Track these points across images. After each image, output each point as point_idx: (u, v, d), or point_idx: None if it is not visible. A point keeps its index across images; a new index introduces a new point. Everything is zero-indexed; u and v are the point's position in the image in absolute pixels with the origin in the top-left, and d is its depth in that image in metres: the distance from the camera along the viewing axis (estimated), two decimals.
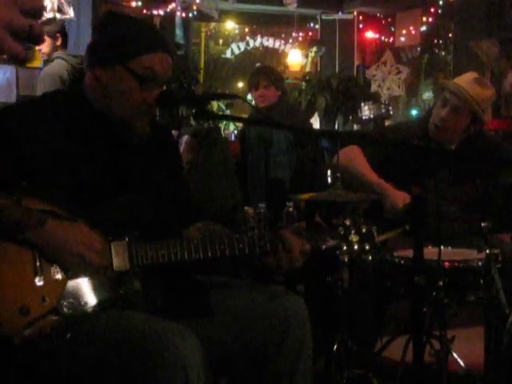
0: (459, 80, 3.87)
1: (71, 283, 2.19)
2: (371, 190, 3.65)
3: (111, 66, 2.36)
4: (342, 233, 2.40)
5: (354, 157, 3.81)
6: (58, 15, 7.12)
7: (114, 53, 2.36)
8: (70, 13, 7.33)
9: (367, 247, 2.41)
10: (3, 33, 1.23)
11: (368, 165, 3.78)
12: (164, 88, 2.43)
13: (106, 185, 2.35)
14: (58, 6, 7.15)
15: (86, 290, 2.20)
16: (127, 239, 2.26)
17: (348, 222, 2.40)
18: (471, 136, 3.85)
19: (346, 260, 3.21)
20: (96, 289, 2.21)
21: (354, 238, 2.40)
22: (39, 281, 2.16)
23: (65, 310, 2.16)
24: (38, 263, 2.16)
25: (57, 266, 2.19)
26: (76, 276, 2.20)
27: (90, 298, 2.20)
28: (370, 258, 3.26)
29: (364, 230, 2.41)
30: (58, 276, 2.18)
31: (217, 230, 2.49)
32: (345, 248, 2.41)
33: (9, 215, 2.14)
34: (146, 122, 2.41)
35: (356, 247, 2.39)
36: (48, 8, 6.96)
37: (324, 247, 2.42)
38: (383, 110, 9.06)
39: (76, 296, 2.18)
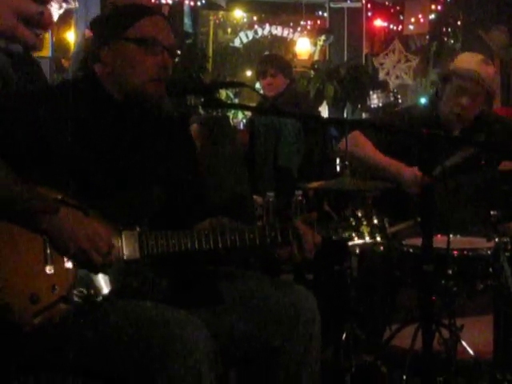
0: (469, 64, 3.76)
1: (82, 272, 2.19)
2: (381, 172, 3.64)
3: (112, 43, 2.38)
4: (354, 224, 2.39)
5: (359, 142, 3.79)
6: (64, 4, 7.10)
7: (110, 29, 2.40)
8: (75, 2, 7.32)
9: (378, 239, 2.40)
10: (15, 20, 1.23)
11: (374, 148, 3.77)
12: (172, 55, 2.42)
13: (119, 175, 2.35)
14: None
15: (96, 278, 2.20)
16: (138, 229, 2.26)
17: (360, 214, 2.39)
18: (481, 118, 3.82)
19: (357, 251, 3.21)
20: (106, 278, 2.22)
21: (365, 229, 2.39)
22: (50, 269, 2.15)
23: (75, 298, 2.16)
24: (48, 251, 2.16)
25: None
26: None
27: (100, 287, 2.20)
28: (381, 248, 3.26)
29: (375, 222, 2.40)
30: (69, 265, 2.18)
31: (228, 224, 2.48)
32: (356, 239, 2.40)
33: (23, 201, 2.14)
34: (160, 88, 2.39)
35: (367, 239, 2.38)
36: None
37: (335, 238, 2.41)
38: (392, 99, 9.03)
39: (86, 285, 2.19)
